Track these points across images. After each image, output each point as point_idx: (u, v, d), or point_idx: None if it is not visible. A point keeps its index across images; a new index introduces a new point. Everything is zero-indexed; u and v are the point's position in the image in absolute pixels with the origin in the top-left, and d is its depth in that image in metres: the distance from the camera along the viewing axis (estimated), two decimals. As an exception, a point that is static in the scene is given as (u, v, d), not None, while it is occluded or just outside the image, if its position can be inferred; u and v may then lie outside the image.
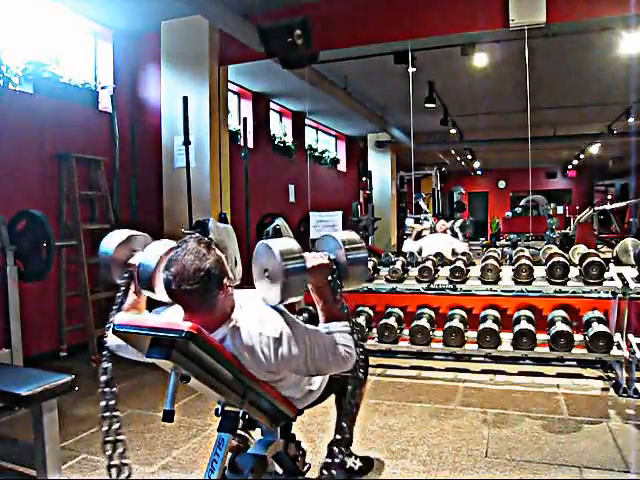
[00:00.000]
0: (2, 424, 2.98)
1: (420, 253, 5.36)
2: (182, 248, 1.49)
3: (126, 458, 1.52)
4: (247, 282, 1.99)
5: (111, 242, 1.82)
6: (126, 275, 1.77)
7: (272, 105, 8.61)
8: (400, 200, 11.17)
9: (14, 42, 4.39)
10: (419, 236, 5.84)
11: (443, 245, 5.27)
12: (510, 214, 11.86)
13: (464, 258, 4.20)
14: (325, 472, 1.46)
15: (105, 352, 1.67)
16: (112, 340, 1.66)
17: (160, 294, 1.67)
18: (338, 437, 2.09)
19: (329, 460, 1.48)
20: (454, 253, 5.21)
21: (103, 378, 1.61)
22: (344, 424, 2.15)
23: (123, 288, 1.75)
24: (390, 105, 8.70)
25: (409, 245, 5.53)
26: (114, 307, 1.73)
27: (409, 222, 5.85)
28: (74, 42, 5.13)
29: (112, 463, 1.54)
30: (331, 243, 1.70)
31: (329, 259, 1.66)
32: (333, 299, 1.64)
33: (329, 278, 1.64)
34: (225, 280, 1.50)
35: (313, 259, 1.63)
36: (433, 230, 6.44)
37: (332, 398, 2.13)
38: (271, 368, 1.51)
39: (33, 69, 4.39)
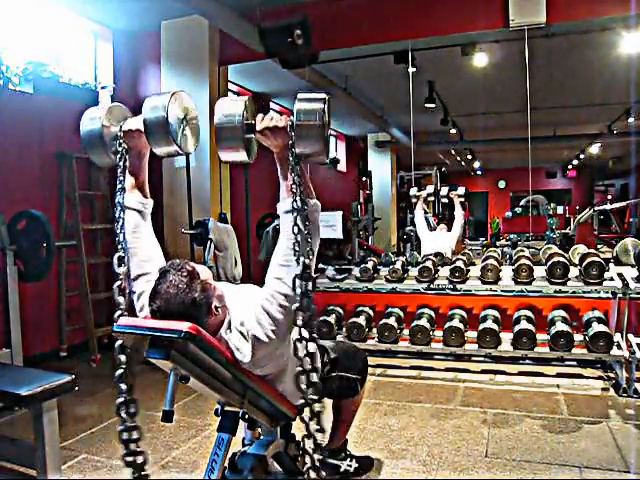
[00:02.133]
0: (2, 424, 2.98)
1: (420, 250, 5.37)
2: (164, 279, 1.43)
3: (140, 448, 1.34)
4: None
5: (94, 114, 1.59)
6: (123, 145, 1.56)
7: (272, 105, 8.61)
8: (400, 200, 11.17)
9: (14, 42, 4.39)
10: (426, 200, 5.86)
11: (443, 245, 5.26)
12: (510, 214, 11.87)
13: (464, 258, 4.20)
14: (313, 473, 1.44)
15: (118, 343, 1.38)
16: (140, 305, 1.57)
17: (178, 147, 1.55)
18: (334, 446, 2.10)
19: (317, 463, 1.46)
20: (454, 253, 5.21)
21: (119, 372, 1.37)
22: (336, 429, 2.16)
23: (121, 163, 1.55)
24: (390, 105, 8.70)
25: (419, 215, 5.57)
26: (118, 189, 1.54)
27: (413, 191, 5.88)
28: (74, 42, 5.12)
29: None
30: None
31: (289, 122, 1.43)
32: (290, 170, 1.43)
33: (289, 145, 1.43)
34: (214, 303, 1.49)
35: (268, 120, 1.46)
36: (433, 229, 6.44)
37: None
38: (252, 365, 1.50)
39: (33, 69, 4.38)
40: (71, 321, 4.59)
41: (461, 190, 5.72)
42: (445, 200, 5.90)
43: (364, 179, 11.18)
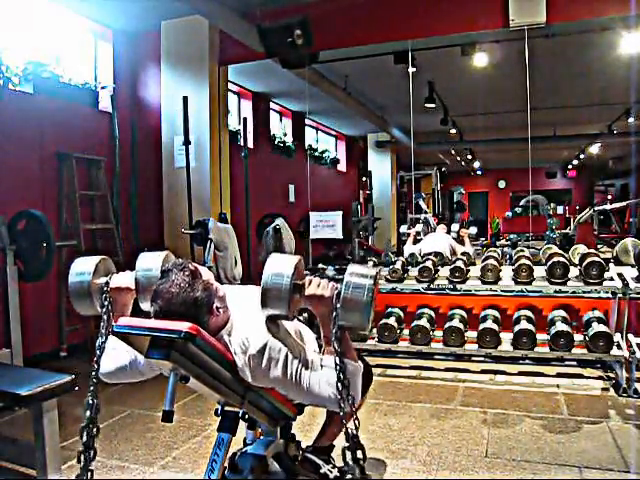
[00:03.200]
0: (2, 424, 2.98)
1: (420, 253, 5.37)
2: (166, 279, 1.44)
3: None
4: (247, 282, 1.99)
5: (85, 267, 1.68)
6: (108, 299, 1.64)
7: (272, 105, 8.62)
8: (400, 200, 11.19)
9: (14, 42, 4.39)
10: (416, 239, 5.91)
11: (443, 245, 5.27)
12: (510, 214, 11.88)
13: (464, 258, 4.20)
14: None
15: (93, 383, 1.54)
16: (106, 365, 1.64)
17: None
18: (321, 444, 2.10)
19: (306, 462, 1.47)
20: (454, 253, 5.21)
21: (87, 414, 1.49)
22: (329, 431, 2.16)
23: (106, 317, 1.62)
24: (390, 105, 8.71)
25: (409, 249, 5.59)
26: (101, 336, 1.62)
27: (403, 229, 5.96)
28: (74, 42, 5.13)
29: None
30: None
31: (336, 291, 1.44)
32: (334, 336, 1.44)
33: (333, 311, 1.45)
34: (215, 303, 1.49)
35: (315, 287, 1.48)
36: (433, 230, 6.45)
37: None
38: (250, 379, 1.51)
39: (33, 69, 4.39)
40: (71, 321, 4.59)
41: (472, 230, 5.84)
42: (454, 235, 6.05)
43: (364, 179, 11.20)
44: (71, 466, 2.51)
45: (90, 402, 1.50)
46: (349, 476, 1.46)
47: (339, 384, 1.40)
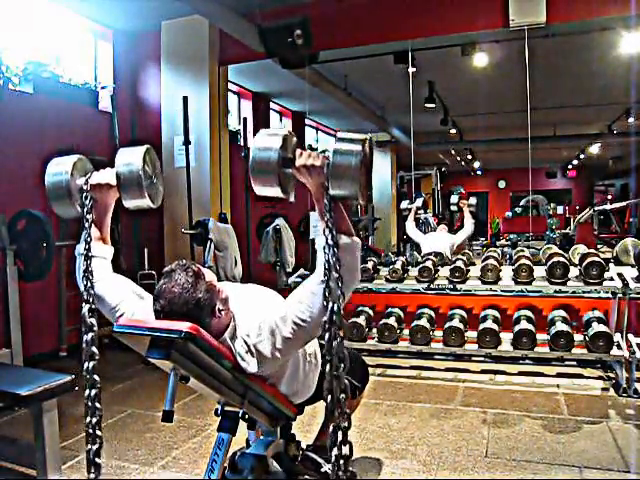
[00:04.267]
0: (2, 424, 2.98)
1: (420, 251, 5.37)
2: (169, 279, 1.44)
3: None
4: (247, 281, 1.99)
5: (62, 166, 1.60)
6: (90, 198, 1.54)
7: (272, 105, 8.62)
8: (400, 200, 11.17)
9: (14, 42, 4.39)
10: (417, 214, 5.87)
11: (443, 245, 5.26)
12: (510, 214, 11.87)
13: (464, 258, 4.20)
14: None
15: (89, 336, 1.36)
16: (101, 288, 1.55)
17: (150, 201, 1.58)
18: (321, 443, 2.09)
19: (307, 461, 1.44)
20: (455, 252, 5.20)
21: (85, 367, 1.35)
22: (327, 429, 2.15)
23: (89, 216, 1.53)
24: (390, 105, 8.70)
25: (410, 227, 5.58)
26: (83, 240, 1.49)
27: (404, 204, 5.90)
28: (74, 42, 5.13)
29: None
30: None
31: (327, 160, 1.37)
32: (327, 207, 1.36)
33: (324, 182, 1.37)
34: (218, 305, 1.48)
35: (305, 158, 1.40)
36: (433, 230, 6.44)
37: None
38: (261, 369, 1.50)
39: (33, 69, 4.39)
40: (71, 321, 4.58)
41: (472, 200, 5.76)
42: (454, 208, 5.93)
43: (364, 179, 11.17)
44: (71, 466, 2.51)
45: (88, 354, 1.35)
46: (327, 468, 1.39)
47: (331, 260, 1.28)
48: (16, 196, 4.15)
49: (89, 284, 1.43)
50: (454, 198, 5.81)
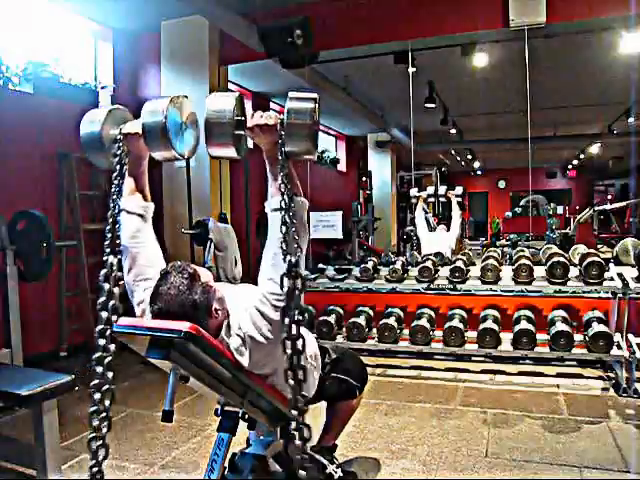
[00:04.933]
0: (2, 424, 2.97)
1: (420, 250, 5.38)
2: (165, 281, 1.44)
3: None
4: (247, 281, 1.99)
5: (94, 117, 1.57)
6: (122, 149, 1.54)
7: (272, 105, 8.61)
8: (400, 200, 11.18)
9: (14, 42, 4.39)
10: (426, 202, 5.87)
11: (443, 245, 5.26)
12: (510, 214, 11.89)
13: (464, 258, 4.20)
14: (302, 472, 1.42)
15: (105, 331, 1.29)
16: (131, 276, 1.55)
17: (176, 152, 1.54)
18: (325, 444, 2.09)
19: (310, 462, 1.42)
20: (453, 252, 5.21)
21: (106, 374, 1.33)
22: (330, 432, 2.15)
23: (118, 167, 1.52)
24: (390, 105, 8.70)
25: (420, 217, 5.59)
26: (114, 192, 1.48)
27: (413, 192, 5.90)
28: (74, 42, 5.13)
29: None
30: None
31: (278, 120, 1.41)
32: (282, 165, 1.41)
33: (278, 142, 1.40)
34: (214, 305, 1.49)
35: (258, 117, 1.43)
36: (433, 230, 6.44)
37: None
38: (251, 366, 1.50)
39: (33, 69, 4.39)
40: (71, 321, 4.59)
41: (458, 190, 5.72)
42: (443, 199, 5.91)
43: (364, 179, 11.18)
44: (71, 466, 2.51)
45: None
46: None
47: (287, 226, 1.34)
48: (16, 196, 4.15)
49: (116, 234, 1.43)
50: (441, 189, 5.81)
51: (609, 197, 14.28)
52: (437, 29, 4.74)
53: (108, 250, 1.37)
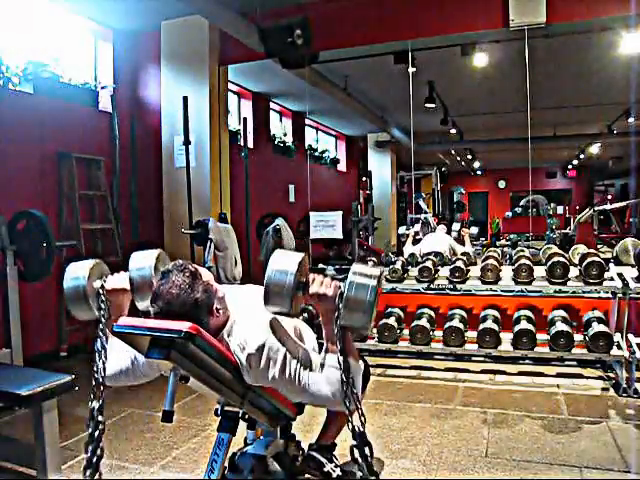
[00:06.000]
0: (2, 424, 2.98)
1: (420, 253, 5.38)
2: (166, 280, 1.45)
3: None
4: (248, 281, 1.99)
5: (80, 271, 1.67)
6: (105, 301, 1.62)
7: (272, 105, 8.61)
8: (400, 200, 11.18)
9: (14, 42, 4.39)
10: (415, 239, 5.93)
11: (443, 245, 5.27)
12: (510, 214, 11.87)
13: (464, 258, 4.20)
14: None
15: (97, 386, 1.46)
16: (107, 369, 1.56)
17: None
18: (324, 442, 2.09)
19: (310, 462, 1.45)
20: (454, 253, 5.21)
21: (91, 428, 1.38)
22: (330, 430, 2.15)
23: (103, 319, 1.59)
24: (390, 105, 8.70)
25: (408, 250, 5.61)
26: (100, 341, 1.54)
27: (401, 230, 5.99)
28: (74, 42, 5.13)
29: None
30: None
31: (339, 290, 1.43)
32: (338, 335, 1.44)
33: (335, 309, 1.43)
34: (215, 304, 1.49)
35: (318, 285, 1.47)
36: (433, 230, 6.44)
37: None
38: (250, 380, 1.51)
39: (33, 69, 4.39)
40: (71, 321, 4.58)
41: (474, 230, 5.90)
42: (455, 234, 6.07)
43: (364, 179, 11.18)
44: (71, 466, 2.51)
45: (93, 409, 1.42)
46: (358, 474, 1.46)
47: (344, 383, 1.40)
48: (16, 196, 4.15)
49: (100, 380, 1.48)
50: (456, 226, 6.01)
51: (609, 197, 14.27)
52: (437, 29, 4.73)
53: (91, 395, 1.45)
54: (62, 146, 4.58)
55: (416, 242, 5.83)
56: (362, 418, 1.38)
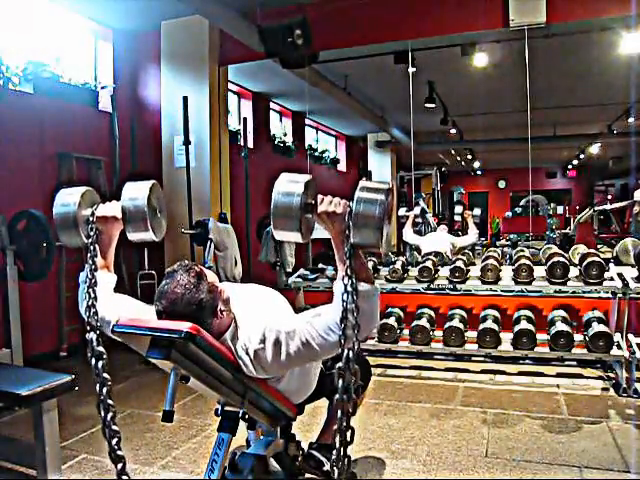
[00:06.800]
0: (2, 424, 2.98)
1: (419, 251, 5.38)
2: (171, 279, 1.44)
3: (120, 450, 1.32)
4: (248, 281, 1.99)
5: (70, 197, 1.63)
6: (95, 229, 1.56)
7: (272, 105, 8.61)
8: (400, 200, 11.17)
9: (14, 42, 4.39)
10: (415, 223, 5.90)
11: (443, 245, 5.26)
12: (510, 214, 11.86)
13: (464, 258, 4.20)
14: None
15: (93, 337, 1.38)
16: (106, 313, 1.52)
17: (153, 235, 1.59)
18: (324, 441, 2.09)
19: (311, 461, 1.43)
20: (455, 252, 5.20)
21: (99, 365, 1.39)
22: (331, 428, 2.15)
23: (92, 247, 1.54)
24: (390, 105, 8.70)
25: (408, 234, 5.60)
26: (89, 269, 1.49)
27: (401, 212, 5.95)
28: (74, 42, 5.13)
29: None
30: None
31: (348, 208, 1.36)
32: (347, 253, 1.35)
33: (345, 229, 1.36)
34: (219, 306, 1.49)
35: (327, 204, 1.40)
36: (433, 230, 6.44)
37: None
38: (269, 372, 1.51)
39: (33, 69, 4.39)
40: (71, 321, 4.58)
41: (477, 211, 5.83)
42: (458, 218, 5.99)
43: (364, 179, 11.17)
44: (71, 466, 2.51)
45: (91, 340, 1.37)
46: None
47: (347, 310, 1.29)
48: (16, 196, 4.15)
49: (93, 312, 1.41)
50: (458, 208, 5.89)
51: (609, 197, 14.26)
52: (437, 29, 4.73)
53: (88, 327, 1.41)
54: (62, 146, 4.58)
55: (415, 225, 5.79)
56: (358, 344, 1.27)
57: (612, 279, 3.58)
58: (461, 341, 3.81)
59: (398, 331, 3.99)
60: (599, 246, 7.55)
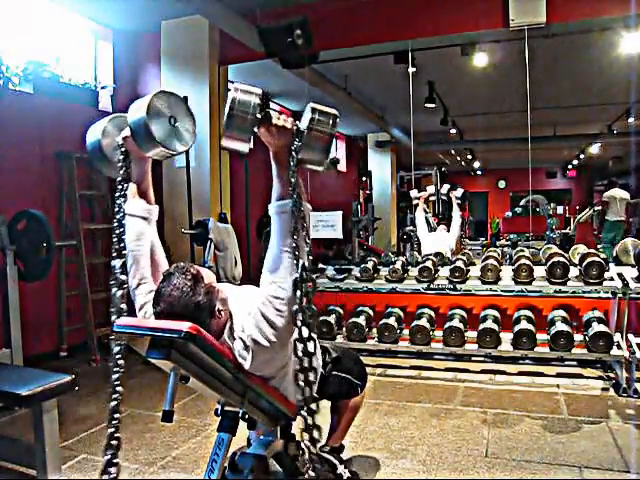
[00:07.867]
0: (2, 424, 2.98)
1: (419, 250, 5.38)
2: (168, 282, 1.45)
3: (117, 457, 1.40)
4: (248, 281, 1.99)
5: (98, 126, 1.70)
6: (123, 150, 1.59)
7: (272, 105, 8.61)
8: (400, 200, 11.17)
9: (14, 42, 4.39)
10: (427, 201, 5.91)
11: (444, 245, 5.27)
12: (510, 214, 11.86)
13: (464, 258, 4.20)
14: (312, 473, 1.44)
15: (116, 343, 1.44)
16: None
17: (165, 149, 1.57)
18: (332, 444, 2.09)
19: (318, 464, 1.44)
20: (454, 252, 5.21)
21: (115, 376, 1.50)
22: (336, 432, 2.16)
23: (123, 170, 1.56)
24: (390, 105, 8.70)
25: (420, 218, 5.64)
26: (119, 196, 1.53)
27: (413, 193, 5.95)
28: (74, 42, 5.12)
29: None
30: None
31: (295, 126, 1.43)
32: (287, 174, 1.44)
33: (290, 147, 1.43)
34: (217, 306, 1.49)
35: (275, 118, 1.43)
36: (433, 230, 6.43)
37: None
38: (253, 369, 1.51)
39: (33, 69, 4.39)
40: (71, 321, 4.58)
41: (459, 192, 5.78)
42: (444, 198, 5.97)
43: (364, 179, 11.18)
44: (71, 466, 2.51)
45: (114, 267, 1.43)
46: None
47: (298, 229, 1.39)
48: (16, 196, 4.15)
49: (121, 238, 1.48)
50: (444, 188, 5.88)
51: (609, 197, 14.23)
52: (437, 29, 4.73)
53: (115, 254, 1.44)
54: (62, 146, 4.57)
55: (427, 203, 5.79)
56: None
57: (612, 279, 3.58)
58: (461, 341, 3.81)
59: (398, 331, 3.99)
60: (599, 246, 7.55)
